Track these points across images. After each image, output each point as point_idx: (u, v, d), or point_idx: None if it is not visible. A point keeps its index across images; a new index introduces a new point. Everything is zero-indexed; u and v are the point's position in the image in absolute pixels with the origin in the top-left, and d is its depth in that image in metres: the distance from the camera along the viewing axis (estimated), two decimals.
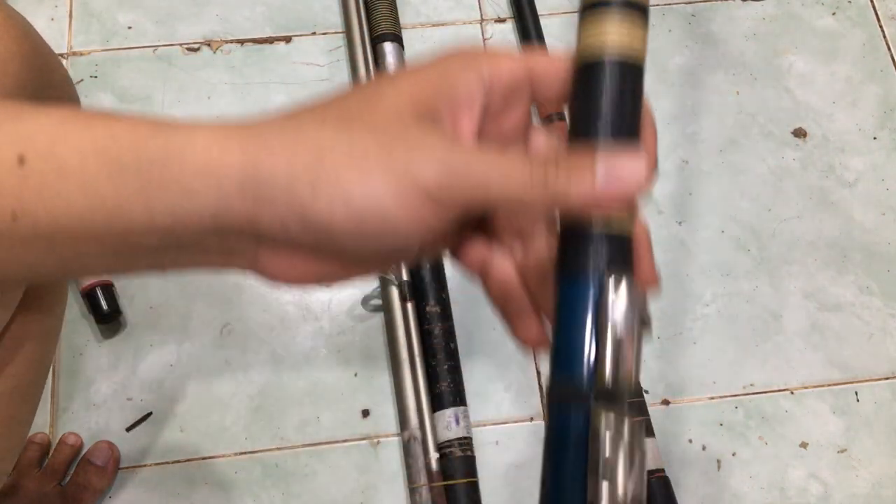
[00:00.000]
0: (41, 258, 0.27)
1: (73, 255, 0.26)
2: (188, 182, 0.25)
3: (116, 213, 0.25)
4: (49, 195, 0.25)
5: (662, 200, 0.86)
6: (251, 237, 0.27)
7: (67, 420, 0.75)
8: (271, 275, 0.29)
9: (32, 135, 0.25)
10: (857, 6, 0.97)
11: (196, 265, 0.29)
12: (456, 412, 0.73)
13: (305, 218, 0.25)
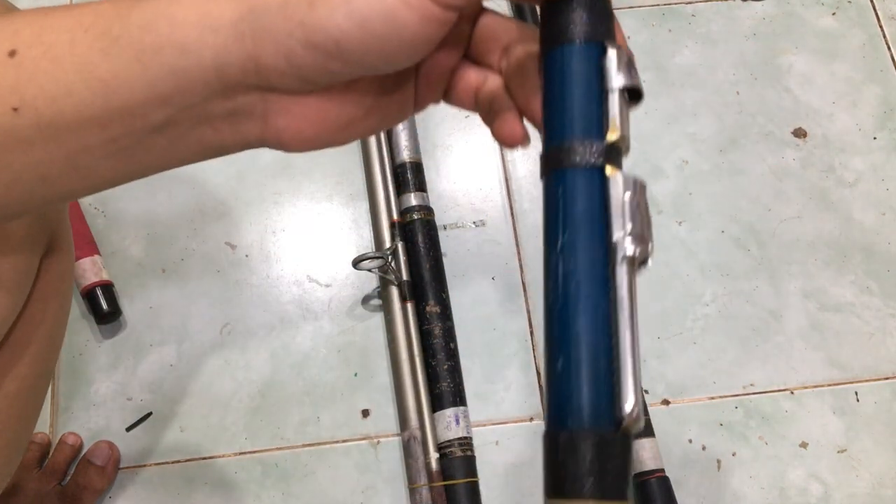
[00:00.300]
0: (49, 155, 0.26)
1: (79, 147, 0.26)
2: (182, 38, 0.24)
3: (116, 88, 0.25)
4: (46, 82, 0.25)
5: (662, 200, 0.86)
6: (257, 90, 0.26)
7: (67, 420, 0.75)
8: (285, 136, 0.28)
9: (19, 29, 0.25)
10: (857, 6, 0.97)
11: (206, 145, 0.28)
12: (456, 412, 0.73)
13: (307, 36, 0.24)
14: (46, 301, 0.42)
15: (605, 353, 0.25)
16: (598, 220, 0.26)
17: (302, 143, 0.28)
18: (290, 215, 0.84)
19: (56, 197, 0.29)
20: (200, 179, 0.85)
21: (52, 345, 0.44)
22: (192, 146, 0.28)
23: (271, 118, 0.27)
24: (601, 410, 0.25)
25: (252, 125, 0.28)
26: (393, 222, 0.80)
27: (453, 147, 0.88)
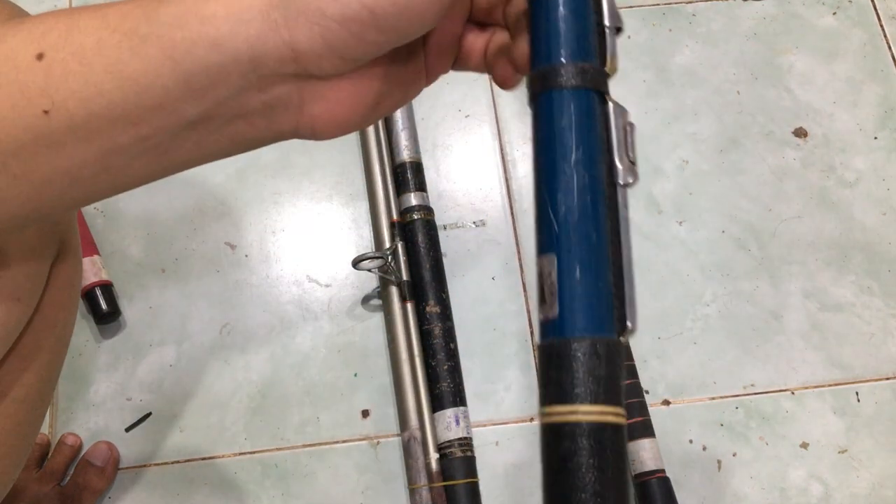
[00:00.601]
0: (80, 156, 0.26)
1: (111, 147, 0.26)
2: (214, 33, 0.24)
3: (146, 86, 0.25)
4: (76, 84, 0.25)
5: (662, 200, 0.86)
6: (294, 79, 0.26)
7: (67, 420, 0.75)
8: (319, 123, 0.28)
9: (46, 31, 0.25)
10: (857, 6, 0.97)
11: (238, 140, 0.28)
12: (456, 412, 0.73)
13: (342, 10, 0.24)
14: (56, 308, 0.42)
15: (614, 266, 0.27)
16: (603, 140, 0.28)
17: (336, 127, 0.28)
18: (290, 215, 0.84)
19: (86, 198, 0.29)
20: (200, 179, 0.85)
21: (59, 352, 0.44)
22: (224, 141, 0.28)
23: (307, 107, 0.27)
24: (609, 319, 0.27)
25: (287, 116, 0.27)
26: (393, 222, 0.80)
27: (453, 147, 0.88)
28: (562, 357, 0.26)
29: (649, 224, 0.85)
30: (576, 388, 0.25)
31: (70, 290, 0.43)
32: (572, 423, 0.25)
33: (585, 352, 0.26)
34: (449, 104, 0.90)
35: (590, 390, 0.25)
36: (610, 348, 0.26)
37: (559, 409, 0.26)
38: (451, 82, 0.91)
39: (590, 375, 0.25)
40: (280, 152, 0.86)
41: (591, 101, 0.29)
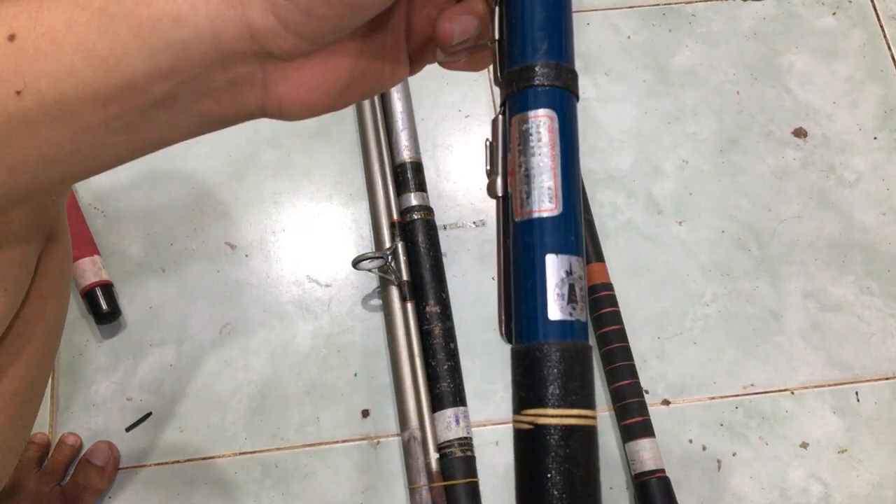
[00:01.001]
0: (53, 136, 0.26)
1: (83, 127, 0.26)
2: (176, 9, 0.25)
3: (115, 65, 0.25)
4: (47, 64, 0.25)
5: (662, 200, 0.86)
6: (255, 58, 0.26)
7: (67, 420, 0.75)
8: (285, 104, 0.28)
9: (17, 13, 0.26)
10: (857, 6, 0.97)
11: (208, 117, 0.28)
12: (456, 412, 0.73)
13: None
14: (45, 298, 0.42)
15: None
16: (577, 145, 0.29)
17: (302, 109, 0.28)
18: (290, 215, 0.84)
19: (61, 179, 0.29)
20: (200, 179, 0.85)
21: (50, 343, 0.44)
22: (193, 119, 0.28)
23: (271, 87, 0.27)
24: (582, 327, 0.27)
25: (253, 95, 0.28)
26: (393, 222, 0.80)
27: (453, 147, 0.88)
28: (587, 358, 0.27)
29: (649, 224, 0.85)
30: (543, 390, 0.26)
31: (60, 280, 0.43)
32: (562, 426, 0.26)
33: (588, 356, 0.27)
34: (449, 104, 0.90)
35: (590, 394, 0.26)
36: (573, 350, 0.27)
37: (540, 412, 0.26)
38: (452, 82, 0.91)
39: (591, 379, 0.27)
40: (280, 152, 0.86)
41: (575, 105, 0.29)
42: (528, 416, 0.26)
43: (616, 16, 0.95)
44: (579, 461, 0.26)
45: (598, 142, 0.89)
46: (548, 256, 0.27)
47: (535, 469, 0.26)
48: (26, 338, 0.41)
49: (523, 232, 0.28)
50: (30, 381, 0.42)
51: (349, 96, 0.29)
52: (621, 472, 0.75)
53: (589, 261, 0.80)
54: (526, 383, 0.27)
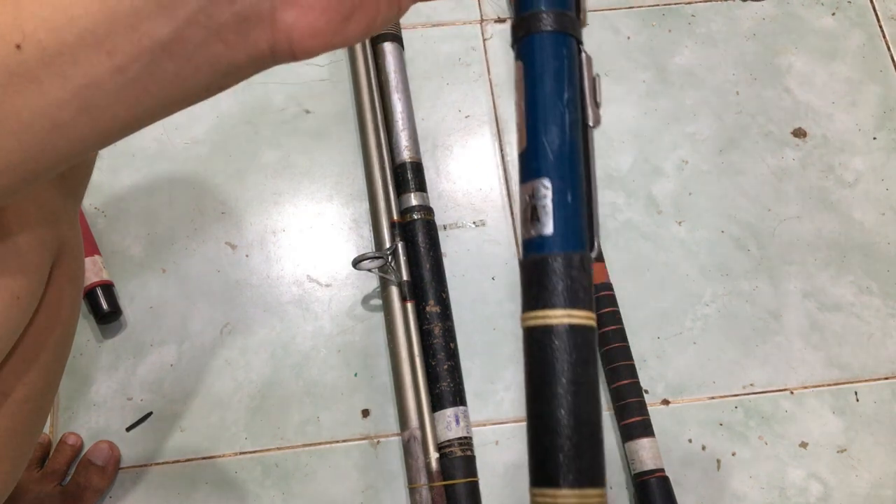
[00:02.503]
0: (57, 93, 0.26)
1: (87, 81, 0.26)
2: None
3: (115, 6, 0.25)
4: (45, 12, 0.25)
5: (662, 200, 0.86)
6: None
7: (67, 420, 0.75)
8: (296, 34, 0.27)
9: None
10: (856, 6, 0.97)
11: (217, 65, 0.27)
12: (456, 412, 0.73)
13: None
14: (57, 307, 0.42)
15: (589, 193, 0.32)
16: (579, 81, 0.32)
17: (313, 38, 0.28)
18: (290, 215, 0.84)
19: (70, 148, 0.28)
20: (201, 180, 0.85)
21: (62, 351, 0.44)
22: (203, 70, 0.27)
23: (279, 14, 0.27)
24: (585, 237, 0.31)
25: (261, 30, 0.27)
26: (393, 222, 0.80)
27: (453, 147, 0.88)
28: (549, 269, 0.30)
29: (649, 224, 0.85)
30: (563, 294, 0.30)
31: (72, 290, 0.43)
32: (558, 325, 0.30)
33: (572, 264, 0.30)
34: (449, 104, 0.90)
35: (578, 297, 0.30)
36: (585, 261, 0.31)
37: (549, 313, 0.30)
38: (452, 83, 0.91)
39: (573, 284, 0.30)
40: (280, 152, 0.87)
41: (574, 47, 0.32)
42: (529, 317, 0.31)
43: (616, 16, 0.95)
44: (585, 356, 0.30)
45: (597, 141, 0.89)
46: (518, 189, 0.32)
47: (545, 362, 0.30)
48: (39, 346, 0.41)
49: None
50: (41, 388, 0.42)
51: (356, 23, 0.28)
52: (621, 472, 0.75)
53: None
54: (523, 291, 0.32)
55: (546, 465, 0.29)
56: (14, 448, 0.42)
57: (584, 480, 0.29)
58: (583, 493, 0.29)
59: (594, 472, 0.29)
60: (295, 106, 0.89)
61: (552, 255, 0.30)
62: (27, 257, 0.38)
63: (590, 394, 0.30)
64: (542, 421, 0.30)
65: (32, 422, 0.43)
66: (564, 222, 0.31)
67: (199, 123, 0.87)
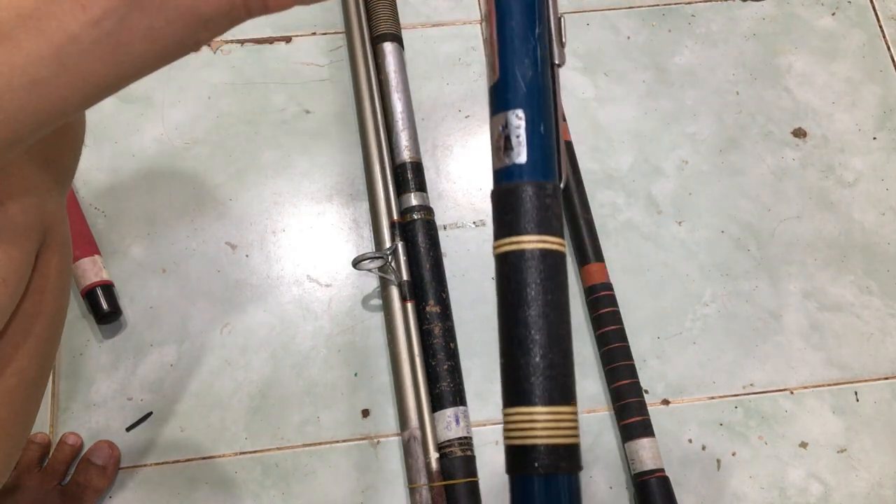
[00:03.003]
0: (35, 49, 0.26)
1: (64, 36, 0.26)
2: None
3: None
4: None
5: (662, 200, 0.86)
6: None
7: (67, 420, 0.75)
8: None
9: None
10: (856, 6, 0.97)
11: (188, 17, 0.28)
12: (456, 412, 0.73)
13: None
14: (44, 292, 0.42)
15: (557, 129, 0.33)
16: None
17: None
18: (290, 215, 0.84)
19: (51, 110, 0.29)
20: (201, 179, 0.85)
21: (51, 338, 0.44)
22: (174, 22, 0.28)
23: None
24: (555, 167, 0.32)
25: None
26: (393, 222, 0.80)
27: (453, 147, 0.88)
28: (524, 196, 0.32)
29: (649, 224, 0.85)
30: (536, 220, 0.32)
31: (60, 275, 0.43)
32: (532, 250, 0.31)
33: (545, 192, 0.32)
34: (449, 104, 0.90)
35: (551, 224, 0.31)
36: (557, 190, 0.32)
37: (523, 238, 0.32)
38: (452, 83, 0.91)
39: (546, 211, 0.32)
40: (280, 152, 0.87)
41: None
42: (502, 244, 0.32)
43: (616, 16, 0.95)
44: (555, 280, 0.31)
45: (597, 142, 0.89)
46: (491, 119, 0.33)
47: (517, 286, 0.31)
48: (27, 332, 0.41)
49: (489, 102, 0.33)
50: (31, 375, 0.42)
51: None
52: (621, 472, 0.75)
53: (588, 261, 0.80)
54: (495, 219, 0.34)
55: (519, 385, 0.30)
56: (6, 436, 0.42)
57: (557, 397, 0.30)
58: (556, 409, 0.30)
59: (566, 389, 0.30)
60: (295, 106, 0.89)
61: (526, 184, 0.32)
62: (13, 242, 0.38)
63: (561, 316, 0.31)
64: (515, 342, 0.31)
65: (24, 410, 0.43)
66: (538, 151, 0.32)
67: (199, 123, 0.87)
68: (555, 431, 0.30)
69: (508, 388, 0.31)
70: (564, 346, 0.31)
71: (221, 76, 0.90)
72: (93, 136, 0.86)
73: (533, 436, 0.30)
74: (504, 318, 0.31)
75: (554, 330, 0.30)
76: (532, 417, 0.30)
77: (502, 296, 0.32)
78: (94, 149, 0.86)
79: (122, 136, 0.86)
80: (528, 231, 0.32)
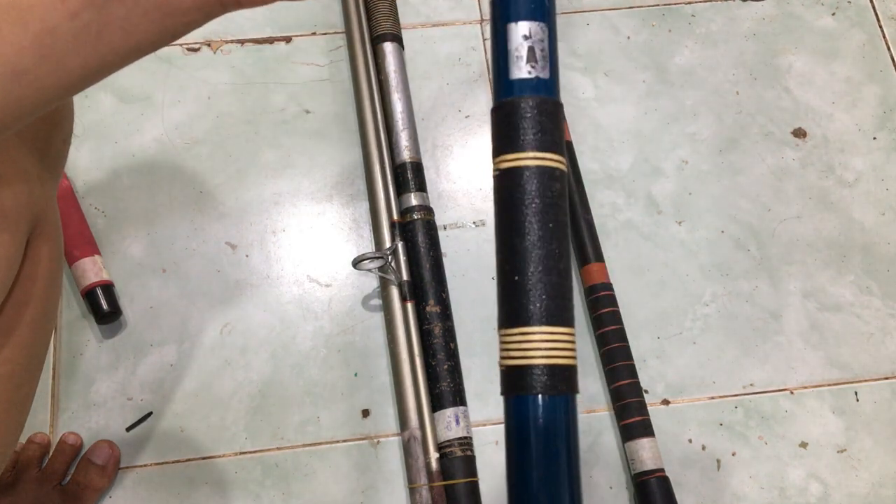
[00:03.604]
0: (17, 40, 0.27)
1: (44, 27, 0.27)
2: None
3: None
4: None
5: (662, 200, 0.86)
6: None
7: (67, 420, 0.75)
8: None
9: None
10: (856, 6, 0.97)
11: (165, 8, 0.28)
12: (456, 412, 0.73)
13: None
14: (34, 281, 0.42)
15: None
16: None
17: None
18: (290, 215, 0.84)
19: (34, 98, 0.29)
20: (200, 179, 0.85)
21: (42, 327, 0.44)
22: (150, 13, 0.28)
23: None
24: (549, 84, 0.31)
25: None
26: (393, 222, 0.80)
27: (453, 147, 0.88)
28: (553, 111, 0.31)
29: (649, 224, 0.85)
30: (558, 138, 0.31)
31: (49, 264, 0.43)
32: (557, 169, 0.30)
33: (560, 110, 0.31)
34: (449, 104, 0.90)
35: (562, 142, 0.31)
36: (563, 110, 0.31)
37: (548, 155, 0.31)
38: (452, 83, 0.91)
39: (559, 129, 0.30)
40: (280, 152, 0.87)
41: None
42: (508, 160, 0.31)
43: (616, 16, 0.95)
44: (556, 197, 0.30)
45: (597, 142, 0.89)
46: (509, 25, 0.31)
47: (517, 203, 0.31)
48: (17, 321, 0.41)
49: (495, 5, 0.32)
50: (22, 365, 0.42)
51: None
52: (621, 472, 0.75)
53: (588, 261, 0.80)
54: (501, 134, 0.32)
55: (517, 304, 0.30)
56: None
57: (555, 318, 0.29)
58: (554, 329, 0.29)
59: (563, 310, 0.30)
60: (295, 106, 0.89)
61: (547, 99, 0.31)
62: (2, 231, 0.38)
63: (561, 235, 0.30)
64: (514, 261, 0.30)
65: (17, 400, 0.43)
66: (557, 69, 0.31)
67: (199, 123, 0.87)
68: (553, 352, 0.29)
69: (506, 307, 0.30)
70: (563, 267, 0.30)
71: (221, 76, 0.90)
72: (93, 136, 0.86)
73: (531, 356, 0.29)
74: (501, 237, 0.31)
75: (554, 249, 0.30)
76: (530, 337, 0.29)
77: (502, 213, 0.32)
78: (94, 149, 0.86)
79: (122, 136, 0.86)
80: (540, 147, 0.31)
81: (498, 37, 0.32)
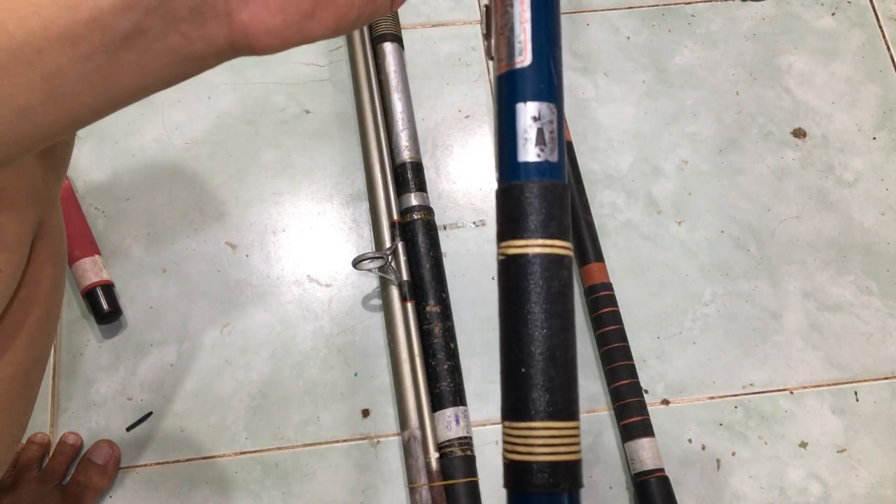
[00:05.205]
0: (25, 81, 0.27)
1: (52, 69, 0.27)
2: None
3: (82, 1, 0.26)
4: (12, 4, 0.26)
5: (662, 200, 0.86)
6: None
7: (67, 420, 0.75)
8: (252, 31, 0.28)
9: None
10: (856, 6, 0.97)
11: (177, 55, 0.28)
12: (456, 412, 0.73)
13: None
14: (39, 283, 0.42)
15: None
16: None
17: (270, 36, 0.28)
18: (290, 215, 0.84)
19: (40, 134, 0.29)
20: (201, 180, 0.85)
21: (46, 328, 0.44)
22: (163, 58, 0.28)
23: (235, 13, 0.28)
24: (557, 167, 0.31)
25: (217, 25, 0.28)
26: (393, 222, 0.80)
27: (453, 147, 0.88)
28: (559, 196, 0.30)
29: (649, 224, 0.85)
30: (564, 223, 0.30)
31: (54, 266, 0.43)
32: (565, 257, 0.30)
33: (566, 194, 0.31)
34: (449, 104, 0.90)
35: (568, 227, 0.30)
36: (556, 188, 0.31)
37: (555, 242, 0.30)
38: (452, 83, 0.91)
39: (565, 214, 0.30)
40: (280, 152, 0.87)
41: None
42: (514, 245, 0.30)
43: (615, 16, 0.95)
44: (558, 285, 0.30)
45: (597, 142, 0.89)
46: (518, 105, 0.30)
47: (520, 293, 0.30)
48: (21, 322, 0.41)
49: (501, 84, 0.31)
50: (26, 366, 0.42)
51: (319, 22, 0.29)
52: (621, 472, 0.75)
53: (588, 261, 0.80)
54: (507, 218, 0.30)
55: (519, 398, 0.29)
56: (2, 427, 0.42)
57: (559, 413, 0.28)
58: (557, 425, 0.28)
59: (568, 404, 0.29)
60: (295, 106, 0.89)
61: (554, 184, 0.30)
62: (8, 232, 0.38)
63: (566, 326, 0.30)
64: (519, 352, 0.29)
65: (20, 401, 0.43)
66: (564, 151, 0.31)
67: (199, 123, 0.87)
68: (555, 448, 0.28)
69: (510, 399, 0.29)
70: (568, 358, 0.29)
71: (221, 76, 0.90)
72: (93, 136, 0.86)
73: (532, 452, 0.28)
74: (506, 326, 0.30)
75: (558, 340, 0.29)
76: (533, 433, 0.28)
77: (507, 301, 0.30)
78: (94, 149, 0.86)
79: (122, 136, 0.86)
80: (547, 234, 0.30)
81: (504, 116, 0.31)
